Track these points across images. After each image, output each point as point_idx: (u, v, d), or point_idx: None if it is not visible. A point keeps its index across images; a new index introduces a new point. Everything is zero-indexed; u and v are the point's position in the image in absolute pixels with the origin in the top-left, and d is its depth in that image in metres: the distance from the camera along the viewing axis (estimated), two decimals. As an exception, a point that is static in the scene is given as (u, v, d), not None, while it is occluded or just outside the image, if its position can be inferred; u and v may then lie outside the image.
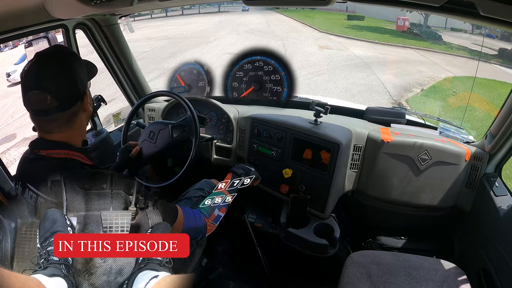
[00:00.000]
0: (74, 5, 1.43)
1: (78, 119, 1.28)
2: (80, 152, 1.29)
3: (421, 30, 20.64)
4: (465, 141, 2.07)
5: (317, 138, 1.96)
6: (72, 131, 1.27)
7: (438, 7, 1.26)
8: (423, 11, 1.58)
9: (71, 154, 1.26)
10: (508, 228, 1.68)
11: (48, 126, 1.24)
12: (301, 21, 25.28)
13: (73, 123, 1.27)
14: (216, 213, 1.62)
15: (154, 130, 1.89)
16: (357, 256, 1.81)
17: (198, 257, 1.75)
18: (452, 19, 1.72)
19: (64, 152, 1.24)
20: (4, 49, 14.55)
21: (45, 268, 0.99)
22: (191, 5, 12.93)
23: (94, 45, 2.28)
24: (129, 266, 1.16)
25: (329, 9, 25.74)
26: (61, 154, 1.24)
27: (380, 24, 22.93)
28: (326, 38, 19.87)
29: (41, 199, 1.17)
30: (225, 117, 2.36)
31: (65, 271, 1.01)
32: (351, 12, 25.87)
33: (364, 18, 25.06)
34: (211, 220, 1.59)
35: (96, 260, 1.13)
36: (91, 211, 1.16)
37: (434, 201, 2.03)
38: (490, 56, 14.33)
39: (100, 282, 1.13)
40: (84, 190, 1.17)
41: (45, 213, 1.10)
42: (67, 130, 1.26)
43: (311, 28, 23.12)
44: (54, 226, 1.06)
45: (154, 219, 1.26)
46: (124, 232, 1.12)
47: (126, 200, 1.22)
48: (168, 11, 27.59)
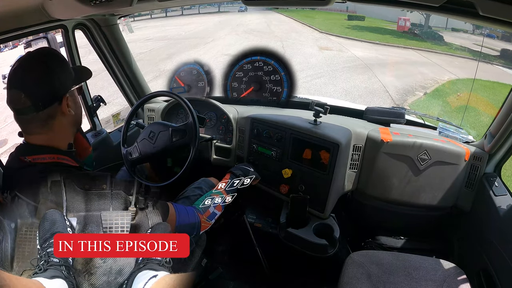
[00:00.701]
0: (73, 5, 1.43)
1: (57, 122, 1.27)
2: (66, 155, 1.29)
3: (422, 30, 20.32)
4: (465, 141, 2.07)
5: (317, 138, 1.96)
6: (53, 133, 1.27)
7: (437, 7, 1.26)
8: (422, 11, 1.58)
9: (57, 158, 1.26)
10: (507, 228, 1.69)
11: (27, 126, 1.26)
12: (301, 21, 24.96)
13: (51, 125, 1.26)
14: (211, 210, 1.62)
15: (154, 130, 1.89)
16: (357, 256, 1.81)
17: (198, 257, 1.75)
18: (452, 19, 1.73)
19: (49, 156, 1.24)
20: (4, 50, 14.54)
21: (45, 270, 1.00)
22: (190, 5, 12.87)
23: (93, 45, 2.27)
24: (129, 266, 1.16)
25: (329, 9, 25.40)
26: (47, 158, 1.24)
27: (381, 25, 22.58)
28: (326, 39, 19.47)
29: (32, 206, 1.16)
30: (224, 117, 2.35)
31: (66, 272, 1.02)
32: (352, 12, 25.52)
33: (365, 18, 24.66)
34: (206, 217, 1.59)
35: (96, 260, 1.13)
36: (91, 212, 1.17)
37: (434, 201, 2.03)
38: (492, 57, 14.21)
39: (100, 282, 1.14)
40: (84, 191, 1.17)
41: (44, 214, 1.10)
42: (47, 132, 1.26)
43: (311, 29, 22.70)
44: (54, 227, 1.07)
45: (154, 219, 1.26)
46: (124, 232, 1.13)
47: (126, 200, 1.22)
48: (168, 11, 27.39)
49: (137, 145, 1.88)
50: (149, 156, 1.86)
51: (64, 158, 1.27)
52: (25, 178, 1.20)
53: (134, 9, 1.98)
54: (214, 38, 19.15)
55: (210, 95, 2.50)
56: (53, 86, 1.24)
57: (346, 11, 25.71)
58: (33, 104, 1.20)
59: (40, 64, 1.24)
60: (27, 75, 1.22)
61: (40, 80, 1.22)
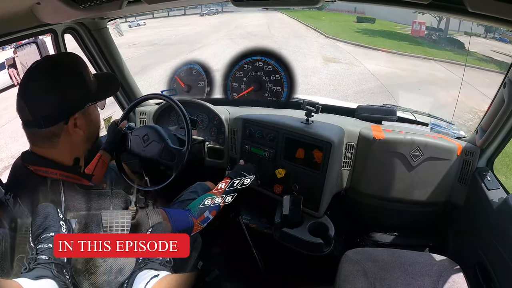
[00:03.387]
0: (62, 9, 1.42)
1: (61, 142, 1.19)
2: (70, 172, 1.20)
3: (440, 36, 18.17)
4: (456, 136, 2.09)
5: (309, 137, 1.96)
6: (57, 150, 1.19)
7: (426, 5, 1.27)
8: (411, 8, 1.59)
9: (59, 175, 1.17)
10: (500, 221, 1.70)
11: (31, 139, 1.19)
12: (306, 23, 22.99)
13: (55, 143, 1.18)
14: (206, 215, 1.60)
15: (150, 135, 1.88)
16: (353, 254, 1.82)
17: (194, 260, 1.74)
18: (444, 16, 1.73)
19: (51, 171, 1.16)
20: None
21: (31, 269, 0.95)
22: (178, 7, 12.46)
23: (83, 49, 2.26)
24: (130, 265, 1.15)
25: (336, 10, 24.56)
26: (48, 173, 1.16)
27: (393, 28, 20.58)
28: (333, 46, 17.03)
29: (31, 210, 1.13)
30: (216, 118, 2.35)
31: (56, 271, 0.97)
32: (360, 14, 23.71)
33: (375, 20, 22.20)
34: (199, 220, 1.57)
35: (96, 259, 1.12)
36: (91, 211, 1.16)
37: (427, 196, 2.05)
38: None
39: (100, 281, 1.13)
40: (84, 190, 1.16)
41: (36, 208, 1.05)
42: (50, 148, 1.18)
43: (317, 33, 20.30)
44: (46, 221, 1.02)
45: (154, 218, 1.26)
46: (125, 231, 1.12)
47: (126, 199, 1.22)
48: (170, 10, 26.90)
49: (130, 138, 1.87)
50: (135, 154, 1.86)
51: (67, 176, 1.18)
52: (26, 186, 1.16)
53: (124, 12, 1.97)
54: (203, 44, 17.30)
55: (210, 95, 2.51)
56: (59, 104, 1.15)
57: (354, 12, 24.08)
58: (35, 120, 1.13)
59: (47, 76, 1.15)
60: (33, 87, 1.13)
61: (44, 95, 1.13)
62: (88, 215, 1.15)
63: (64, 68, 1.20)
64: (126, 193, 1.21)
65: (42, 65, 1.19)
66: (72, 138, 1.20)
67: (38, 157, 1.17)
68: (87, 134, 1.26)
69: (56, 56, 1.39)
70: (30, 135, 1.18)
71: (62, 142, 1.18)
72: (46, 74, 1.15)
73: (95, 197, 1.16)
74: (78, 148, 1.27)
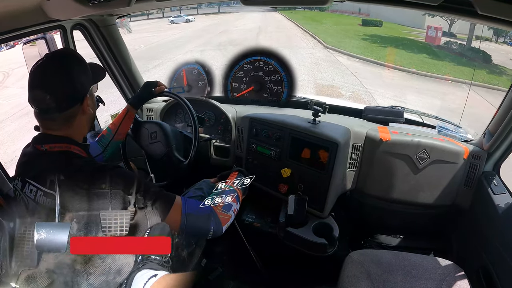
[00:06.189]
0: (71, 6, 1.43)
1: (77, 121, 1.32)
2: (79, 146, 1.32)
3: (463, 48, 14.88)
4: (464, 139, 2.07)
5: (316, 138, 1.96)
6: (72, 130, 1.31)
7: (435, 6, 1.26)
8: (420, 10, 1.57)
9: (70, 147, 1.29)
10: (506, 226, 1.68)
11: (48, 124, 1.28)
12: (304, 28, 20.66)
13: (72, 123, 1.31)
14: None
15: (158, 134, 1.90)
16: (356, 255, 1.81)
17: (198, 257, 1.75)
18: (452, 17, 1.72)
19: (64, 145, 1.28)
20: (2, 49, 14.63)
21: None
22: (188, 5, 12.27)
23: (92, 45, 2.27)
24: (128, 265, 1.16)
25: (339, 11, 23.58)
26: (63, 147, 1.28)
27: (404, 33, 18.46)
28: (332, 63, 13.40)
29: (41, 192, 1.19)
30: (223, 117, 2.36)
31: None
32: (365, 15, 21.74)
33: (383, 23, 20.21)
34: (220, 208, 1.47)
35: (95, 260, 1.13)
36: (90, 211, 1.16)
37: (433, 199, 2.03)
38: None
39: (98, 282, 1.14)
40: (83, 190, 1.17)
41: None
42: (67, 129, 1.30)
43: (314, 41, 17.48)
44: None
45: (153, 219, 1.26)
46: (123, 232, 1.12)
47: (125, 200, 1.22)
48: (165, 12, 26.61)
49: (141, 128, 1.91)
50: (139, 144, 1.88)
51: (75, 149, 1.30)
52: (38, 164, 1.26)
53: (132, 9, 1.98)
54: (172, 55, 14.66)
55: (211, 95, 2.50)
56: (76, 88, 1.29)
57: (359, 13, 22.40)
58: (57, 105, 1.24)
59: (63, 66, 1.28)
60: (51, 77, 1.25)
61: (64, 82, 1.26)
62: (87, 216, 1.16)
63: (73, 58, 1.34)
64: (124, 194, 1.22)
65: (53, 59, 1.32)
66: (84, 117, 1.36)
67: (52, 136, 1.29)
68: (93, 112, 1.44)
69: (61, 51, 1.63)
70: (46, 121, 1.29)
71: (76, 122, 1.33)
72: (61, 65, 1.29)
73: (94, 198, 1.17)
74: (86, 128, 1.41)
